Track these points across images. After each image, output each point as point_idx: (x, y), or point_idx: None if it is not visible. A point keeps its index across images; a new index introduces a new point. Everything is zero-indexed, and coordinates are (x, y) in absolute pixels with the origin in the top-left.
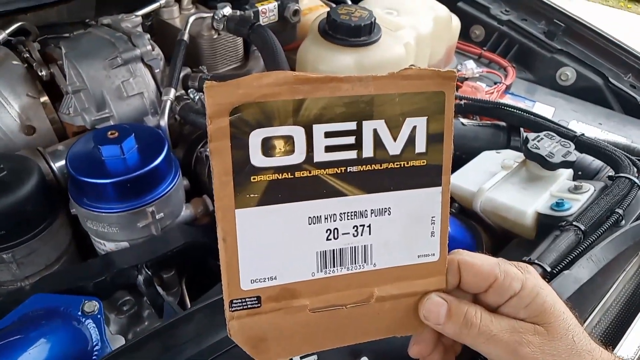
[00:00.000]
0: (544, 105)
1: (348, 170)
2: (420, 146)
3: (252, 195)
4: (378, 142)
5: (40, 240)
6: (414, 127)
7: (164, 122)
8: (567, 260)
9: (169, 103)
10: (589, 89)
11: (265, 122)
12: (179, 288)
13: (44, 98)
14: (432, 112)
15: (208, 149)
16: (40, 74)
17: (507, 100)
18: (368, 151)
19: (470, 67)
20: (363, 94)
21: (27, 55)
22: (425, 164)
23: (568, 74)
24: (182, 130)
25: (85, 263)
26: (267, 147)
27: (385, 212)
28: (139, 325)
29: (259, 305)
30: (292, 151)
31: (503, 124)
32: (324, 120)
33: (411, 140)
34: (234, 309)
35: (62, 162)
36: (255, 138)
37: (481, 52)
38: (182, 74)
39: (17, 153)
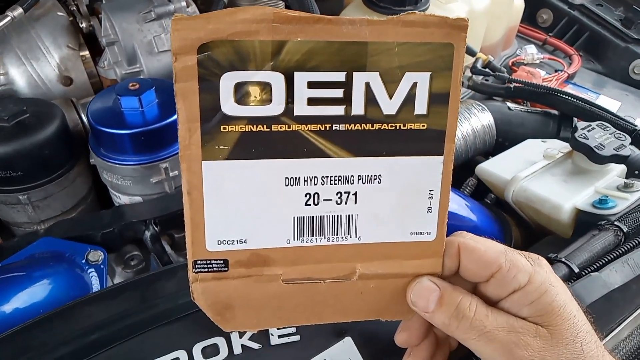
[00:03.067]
0: (609, 99)
1: (333, 128)
2: (421, 107)
3: (221, 147)
4: (370, 99)
5: (56, 185)
6: (414, 84)
7: None
8: (600, 263)
9: None
10: None
11: (239, 65)
12: None
13: (85, 52)
14: (437, 68)
15: (174, 90)
16: (81, 25)
17: (567, 90)
18: (358, 108)
19: (531, 52)
20: (355, 40)
21: (74, 8)
22: (425, 127)
23: None
24: None
25: (97, 213)
26: (241, 94)
27: (374, 179)
28: None
29: (226, 269)
30: (269, 100)
31: (555, 112)
32: (307, 68)
33: (410, 99)
34: (197, 270)
35: None
36: (227, 82)
37: (546, 38)
38: None
39: (50, 101)
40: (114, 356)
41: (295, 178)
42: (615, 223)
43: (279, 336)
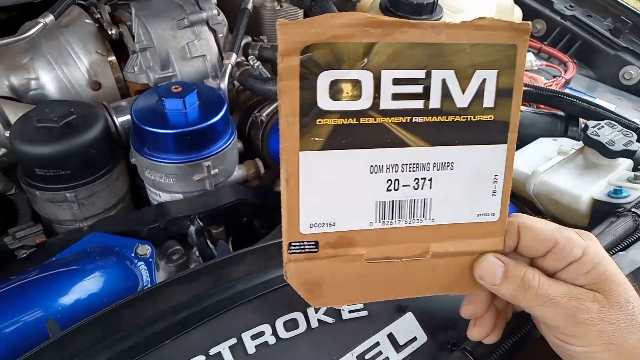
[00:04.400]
0: (605, 103)
1: (413, 120)
2: (489, 100)
3: (316, 139)
4: (446, 93)
5: (101, 184)
6: (484, 80)
7: (224, 84)
8: (624, 244)
9: (229, 67)
10: None
11: (334, 64)
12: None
13: (112, 57)
14: (503, 66)
15: (277, 89)
16: (110, 32)
17: None
18: (435, 102)
19: (529, 59)
20: (434, 42)
21: (98, 16)
22: (492, 119)
23: (632, 72)
24: (237, 97)
25: (141, 210)
26: (335, 90)
27: (447, 166)
28: None
29: (317, 250)
30: (359, 96)
31: (561, 113)
32: (393, 67)
33: (480, 94)
34: (292, 251)
35: (124, 117)
36: (324, 80)
37: (541, 46)
38: (243, 42)
39: (92, 104)
40: (206, 332)
41: (379, 166)
42: (633, 210)
43: (350, 311)
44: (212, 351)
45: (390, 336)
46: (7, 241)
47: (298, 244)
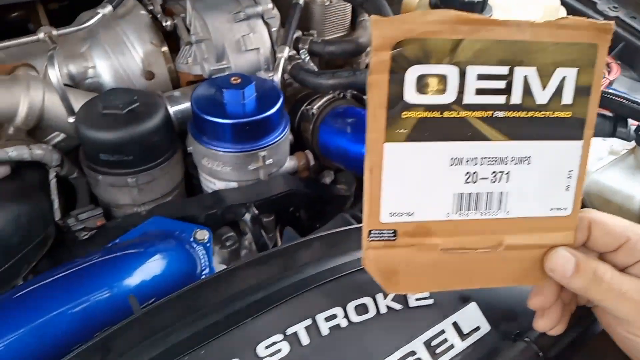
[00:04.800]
0: None
1: (494, 115)
2: (567, 98)
3: (401, 131)
4: (527, 90)
5: (160, 170)
6: (564, 78)
7: (277, 77)
8: None
9: (282, 60)
10: None
11: (423, 59)
12: (275, 234)
13: (165, 48)
14: (583, 64)
15: (367, 81)
16: (164, 24)
17: None
18: (516, 98)
19: None
20: (519, 40)
21: (151, 7)
22: (570, 116)
23: None
24: (284, 90)
25: (198, 196)
26: (421, 85)
27: (525, 160)
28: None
29: (395, 238)
30: (443, 90)
31: (609, 113)
32: (478, 62)
33: (559, 91)
34: (371, 239)
35: (177, 107)
36: (412, 74)
37: None
38: (294, 36)
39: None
40: (283, 312)
41: (459, 159)
42: None
43: (416, 299)
44: (289, 331)
45: (455, 324)
46: (70, 223)
47: (378, 232)
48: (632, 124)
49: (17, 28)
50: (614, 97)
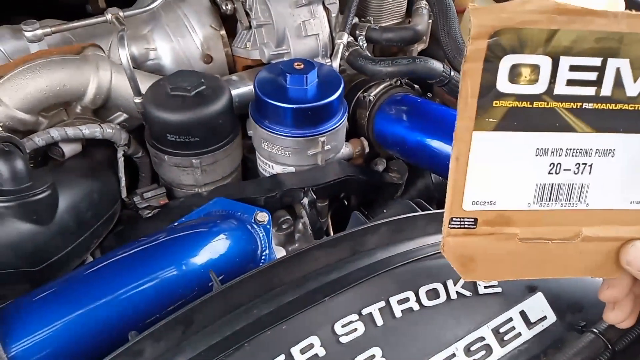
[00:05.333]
0: None
1: (583, 106)
2: None
3: (490, 120)
4: (618, 82)
5: (223, 152)
6: None
7: (335, 63)
8: None
9: (341, 47)
10: None
11: (518, 49)
12: (327, 219)
13: (223, 32)
14: None
15: (461, 69)
16: (223, 8)
17: None
18: (607, 89)
19: None
20: (614, 31)
21: None
22: None
23: None
24: None
25: (258, 179)
26: (514, 74)
27: (609, 153)
28: (291, 244)
29: (475, 227)
30: (535, 80)
31: None
32: (572, 53)
33: None
34: (452, 226)
35: (235, 91)
36: (506, 63)
37: None
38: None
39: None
40: (357, 294)
41: (545, 149)
42: None
43: (485, 287)
44: (364, 311)
45: (522, 313)
46: (136, 200)
47: (459, 219)
48: None
49: (75, 10)
50: None
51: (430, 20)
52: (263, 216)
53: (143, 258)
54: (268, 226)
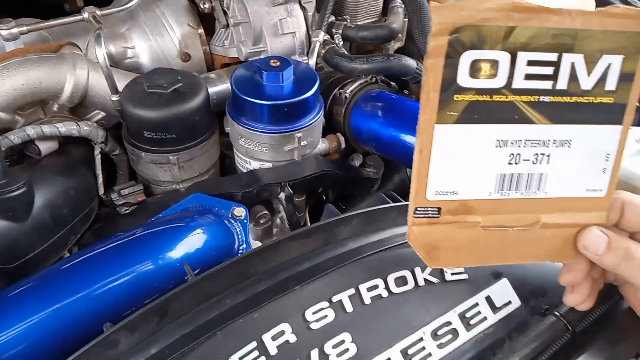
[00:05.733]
0: None
1: (540, 99)
2: (611, 84)
3: (452, 113)
4: (573, 76)
5: (200, 149)
6: (609, 65)
7: (312, 61)
8: None
9: (318, 44)
10: None
11: (477, 45)
12: (304, 214)
13: (201, 30)
14: (629, 52)
15: (423, 65)
16: (201, 7)
17: None
18: (562, 83)
19: None
20: (569, 27)
21: None
22: (612, 102)
23: None
24: None
25: (235, 175)
26: (474, 69)
27: (565, 143)
28: (269, 239)
29: (439, 216)
30: (494, 75)
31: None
32: (529, 49)
33: (603, 77)
34: (417, 215)
35: (213, 89)
36: (466, 59)
37: None
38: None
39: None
40: (328, 282)
41: (504, 141)
42: None
43: (452, 274)
44: (335, 298)
45: (488, 298)
46: (113, 197)
47: (423, 209)
48: None
49: (54, 9)
50: None
51: (406, 19)
52: (240, 211)
53: (120, 253)
54: (245, 221)
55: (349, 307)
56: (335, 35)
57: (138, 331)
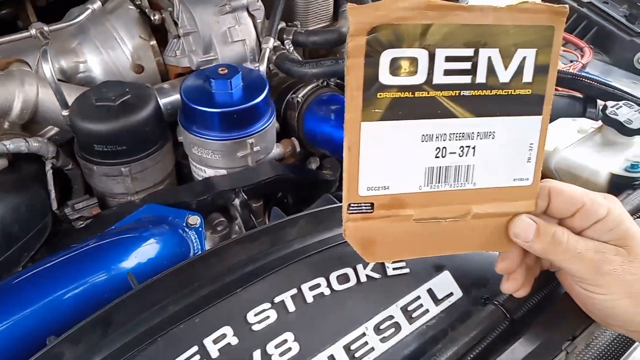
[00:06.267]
0: (620, 86)
1: (461, 93)
2: (528, 76)
3: (376, 110)
4: (491, 70)
5: (152, 160)
6: (524, 58)
7: (263, 67)
8: None
9: (268, 51)
10: None
11: (395, 43)
12: (264, 219)
13: (153, 41)
14: (542, 45)
15: (345, 65)
16: (152, 18)
17: None
18: (481, 77)
19: None
20: (483, 24)
21: (139, 2)
22: (530, 93)
23: None
24: (271, 80)
25: (189, 184)
26: (395, 67)
27: (489, 135)
28: None
29: (372, 211)
30: (415, 72)
31: (580, 95)
32: (446, 45)
33: (520, 70)
34: (350, 211)
35: (167, 99)
36: (386, 57)
37: None
38: (278, 27)
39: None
40: (270, 283)
41: (429, 135)
42: None
43: (393, 268)
44: (277, 299)
45: (430, 291)
46: (67, 212)
47: (356, 205)
48: (601, 104)
49: (6, 25)
50: (583, 79)
51: None
52: (194, 219)
53: (71, 265)
54: (200, 229)
55: (291, 307)
56: (286, 41)
57: (82, 342)
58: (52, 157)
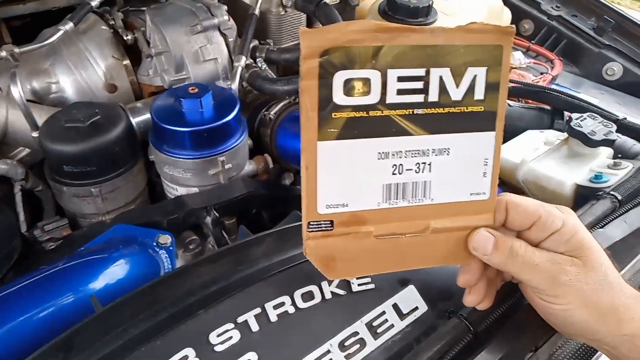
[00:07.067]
0: (588, 97)
1: (415, 112)
2: (479, 93)
3: (332, 130)
4: (443, 88)
5: (123, 179)
6: (475, 76)
7: (235, 85)
8: (602, 224)
9: (239, 69)
10: (635, 85)
11: (348, 65)
12: (237, 236)
13: (126, 61)
14: (491, 63)
15: (299, 87)
16: (125, 38)
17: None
18: (433, 96)
19: (518, 57)
20: (433, 44)
21: (112, 22)
22: (482, 110)
23: (614, 69)
24: (245, 97)
25: (160, 203)
26: (348, 88)
27: (444, 152)
28: None
29: (332, 228)
30: (368, 92)
31: (547, 107)
32: (397, 66)
33: (471, 88)
34: (310, 229)
35: (140, 118)
36: (339, 79)
37: (529, 45)
38: (251, 45)
39: (115, 104)
40: (234, 303)
41: (386, 153)
42: (611, 193)
43: (359, 284)
44: (240, 319)
45: (395, 306)
46: (36, 234)
47: (316, 223)
48: (568, 115)
49: None
50: (550, 92)
51: None
52: (165, 238)
53: (39, 287)
54: (171, 248)
55: (254, 327)
56: (258, 59)
57: None
58: (21, 179)
